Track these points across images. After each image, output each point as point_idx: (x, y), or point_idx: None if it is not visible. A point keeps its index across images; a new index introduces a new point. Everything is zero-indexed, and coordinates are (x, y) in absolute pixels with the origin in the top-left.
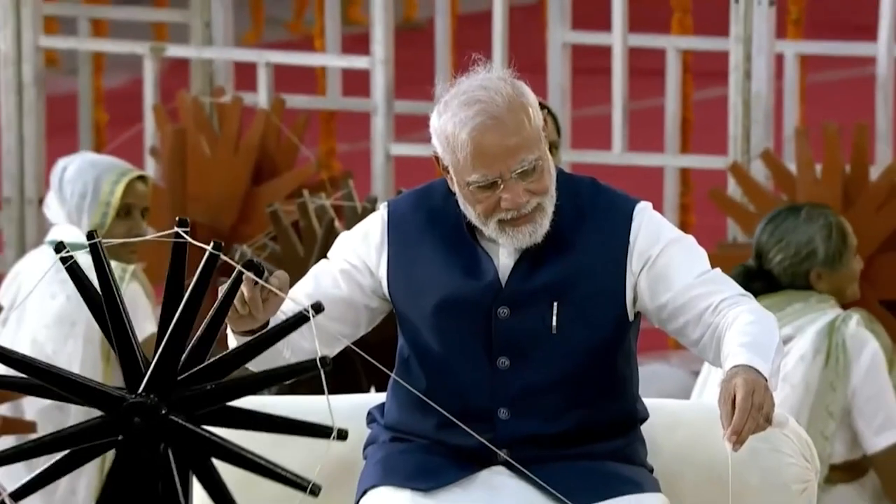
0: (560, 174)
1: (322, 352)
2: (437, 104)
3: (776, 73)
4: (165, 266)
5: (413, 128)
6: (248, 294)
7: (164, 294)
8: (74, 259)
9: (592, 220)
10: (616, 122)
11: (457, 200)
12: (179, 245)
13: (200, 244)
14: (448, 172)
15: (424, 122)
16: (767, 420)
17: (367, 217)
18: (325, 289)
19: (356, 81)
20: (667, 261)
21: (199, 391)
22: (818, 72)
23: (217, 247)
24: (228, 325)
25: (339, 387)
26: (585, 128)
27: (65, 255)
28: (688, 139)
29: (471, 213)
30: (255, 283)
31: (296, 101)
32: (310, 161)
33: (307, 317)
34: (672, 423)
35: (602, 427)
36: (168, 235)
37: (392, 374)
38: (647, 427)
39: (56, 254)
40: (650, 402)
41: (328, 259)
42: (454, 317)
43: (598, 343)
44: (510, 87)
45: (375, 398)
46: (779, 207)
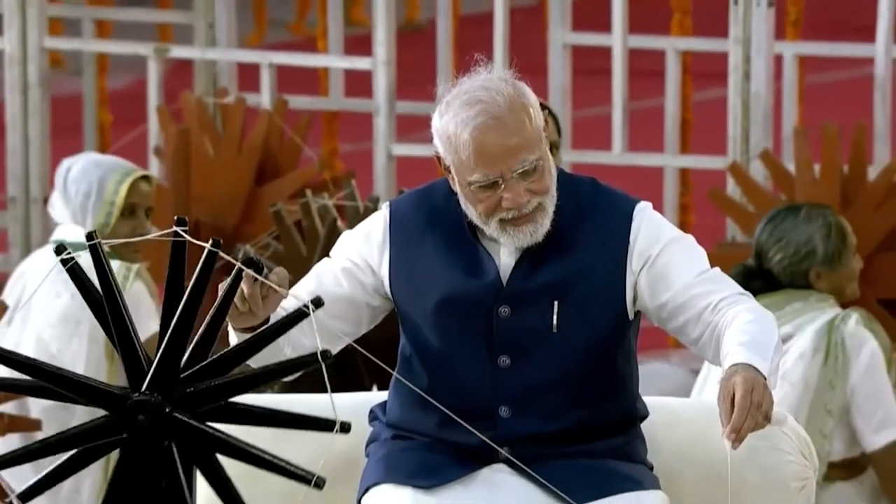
0: (560, 174)
1: (323, 348)
2: (439, 105)
3: (775, 74)
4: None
5: (415, 128)
6: (248, 291)
7: (165, 293)
8: (75, 260)
9: (593, 220)
10: (616, 123)
11: (458, 200)
12: (178, 244)
13: (199, 242)
14: (449, 172)
15: (426, 123)
16: (766, 418)
17: (370, 216)
18: (327, 287)
19: (358, 82)
20: (667, 260)
21: (202, 388)
22: (817, 73)
23: (216, 244)
24: (229, 323)
25: (342, 385)
26: (586, 128)
27: (65, 258)
28: (687, 139)
29: (472, 213)
30: (255, 280)
31: (298, 102)
32: (312, 161)
33: (307, 312)
34: (672, 422)
35: (602, 425)
36: (167, 235)
37: (394, 373)
38: (647, 425)
39: (57, 256)
40: (650, 401)
41: (330, 258)
42: (455, 315)
43: (599, 342)
44: (511, 88)
45: (377, 396)
46: (778, 207)
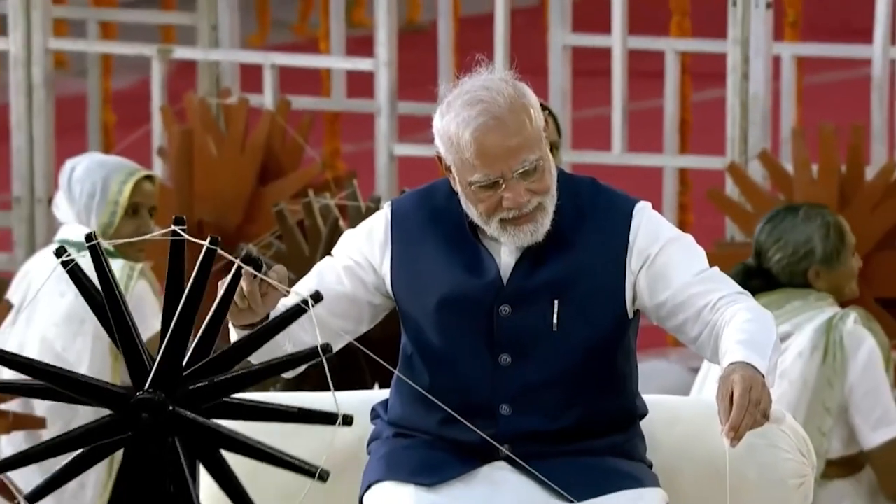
0: (560, 174)
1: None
2: (440, 105)
3: (773, 75)
4: None
5: (416, 128)
6: (247, 288)
7: (165, 291)
8: (75, 262)
9: (592, 220)
10: (616, 123)
11: (459, 200)
12: (177, 243)
13: (197, 240)
14: (450, 172)
15: (427, 123)
16: (765, 416)
17: (371, 216)
18: (329, 285)
19: (360, 83)
20: (666, 259)
21: (205, 385)
22: (815, 73)
23: (213, 242)
24: (230, 321)
25: (343, 383)
26: (586, 129)
27: (65, 260)
28: (686, 140)
29: (473, 213)
30: (254, 277)
31: (301, 103)
32: (315, 161)
33: (305, 308)
34: (671, 419)
35: (602, 423)
36: (166, 234)
37: (395, 371)
38: (647, 423)
39: (57, 258)
40: (649, 399)
41: (332, 256)
42: (456, 314)
43: (599, 340)
44: (512, 89)
45: (379, 394)
46: (777, 207)
